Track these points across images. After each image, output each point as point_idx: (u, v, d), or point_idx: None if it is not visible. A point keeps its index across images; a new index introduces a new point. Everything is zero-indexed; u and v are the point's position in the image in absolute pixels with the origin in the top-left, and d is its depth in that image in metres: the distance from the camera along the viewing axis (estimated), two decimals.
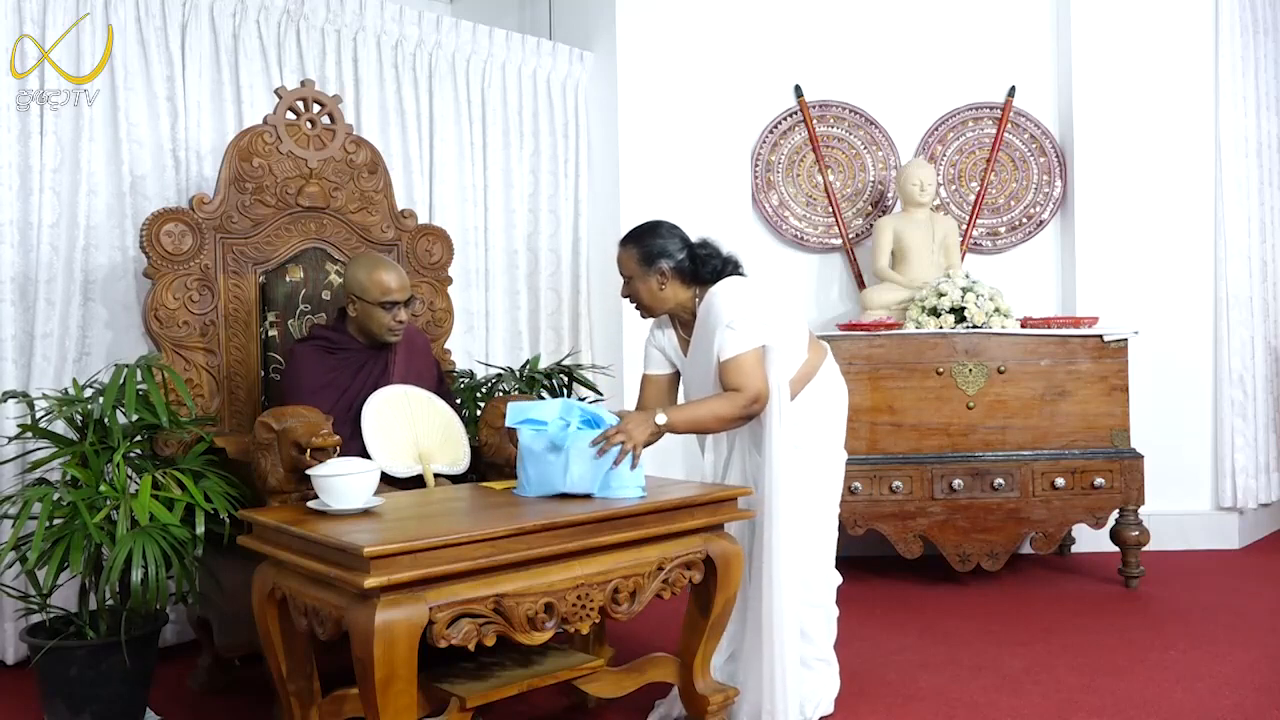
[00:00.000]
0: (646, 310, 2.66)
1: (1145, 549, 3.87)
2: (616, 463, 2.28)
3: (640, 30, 4.47)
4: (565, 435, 2.31)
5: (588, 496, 2.30)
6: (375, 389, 2.80)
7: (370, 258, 2.89)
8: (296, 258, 3.11)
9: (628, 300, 2.68)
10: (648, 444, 2.36)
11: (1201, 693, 2.74)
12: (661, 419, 2.38)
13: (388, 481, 2.64)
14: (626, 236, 2.65)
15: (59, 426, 2.64)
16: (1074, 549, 4.39)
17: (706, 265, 2.59)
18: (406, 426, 2.77)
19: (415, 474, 2.74)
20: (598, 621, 2.20)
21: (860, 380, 3.75)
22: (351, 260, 2.94)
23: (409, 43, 3.97)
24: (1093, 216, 4.51)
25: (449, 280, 3.49)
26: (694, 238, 2.66)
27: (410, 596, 1.87)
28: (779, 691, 2.41)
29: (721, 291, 2.54)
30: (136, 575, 2.30)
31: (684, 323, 2.69)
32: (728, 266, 2.62)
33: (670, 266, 2.57)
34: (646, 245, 2.59)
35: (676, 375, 2.76)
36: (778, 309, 2.58)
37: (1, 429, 2.93)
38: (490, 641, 1.99)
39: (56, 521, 2.40)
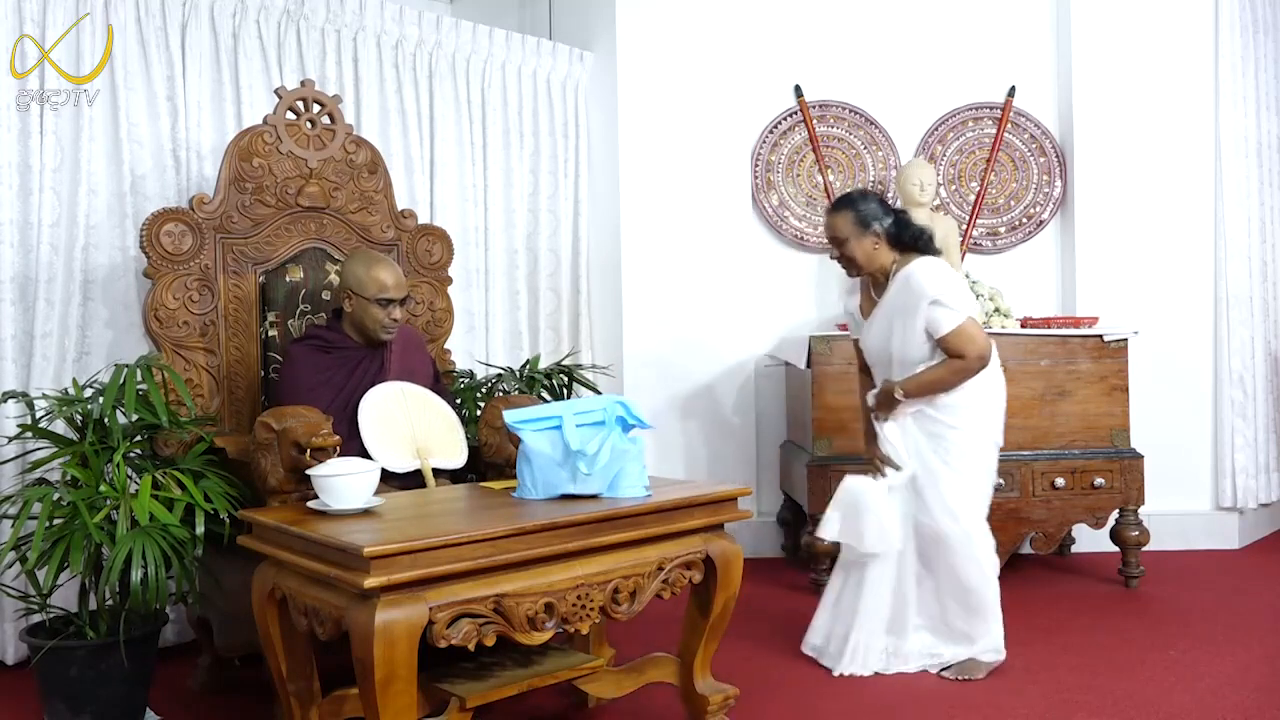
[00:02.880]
0: (859, 269, 2.92)
1: (1145, 549, 3.87)
2: None
3: (640, 30, 4.47)
4: (597, 434, 2.30)
5: (592, 497, 2.30)
6: (371, 387, 2.80)
7: (368, 254, 2.89)
8: (296, 258, 3.11)
9: (838, 262, 2.95)
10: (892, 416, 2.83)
11: (1201, 693, 2.74)
12: (900, 392, 2.80)
13: (386, 477, 2.64)
14: (838, 202, 2.92)
15: (59, 426, 2.64)
16: (1074, 549, 4.39)
17: (908, 230, 2.85)
18: (404, 422, 2.77)
19: (414, 469, 2.74)
20: (598, 621, 2.20)
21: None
22: (349, 256, 2.94)
23: (409, 43, 3.97)
24: (1093, 216, 4.51)
25: (449, 280, 3.49)
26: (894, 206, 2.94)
27: (410, 596, 1.87)
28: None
29: (919, 270, 2.80)
30: (136, 575, 2.30)
31: (876, 284, 2.95)
32: (924, 236, 2.88)
33: (882, 229, 2.84)
34: (860, 209, 2.86)
35: None
36: (966, 292, 2.88)
37: (1, 429, 2.93)
38: (490, 641, 1.99)
39: (56, 521, 2.40)
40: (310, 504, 2.21)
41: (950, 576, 2.87)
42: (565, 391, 3.59)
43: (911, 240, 2.86)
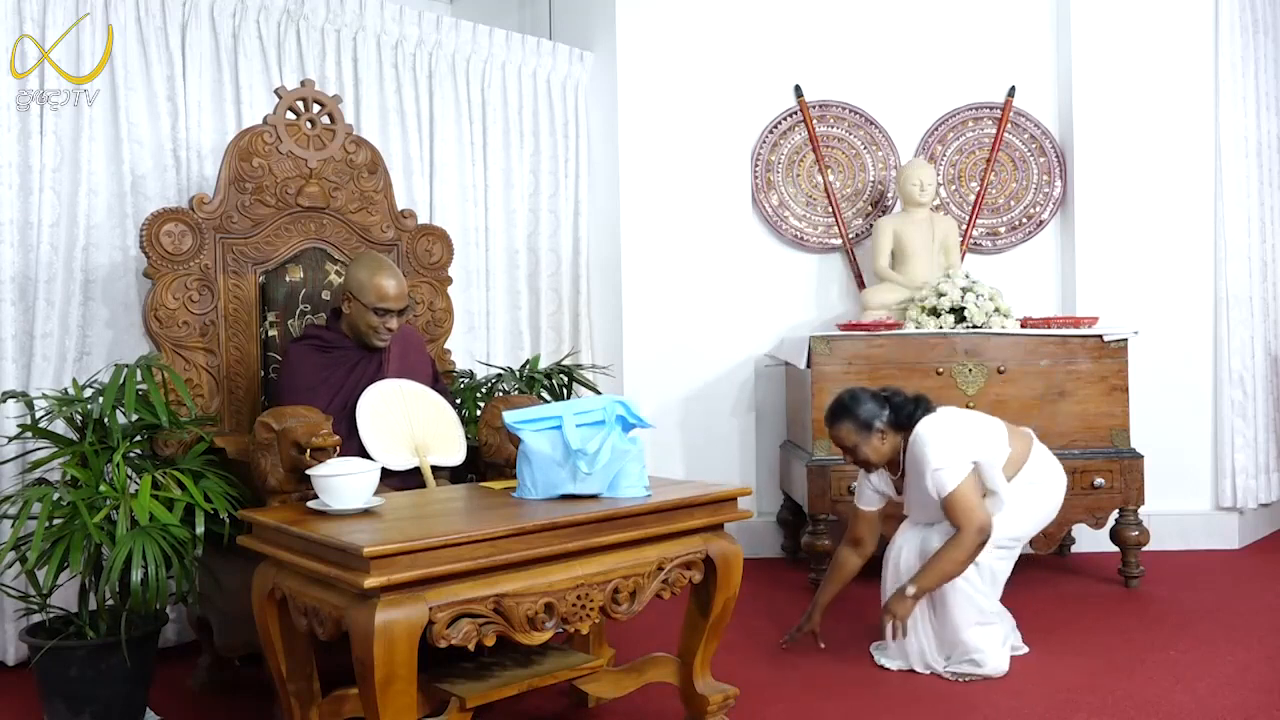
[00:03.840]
0: (872, 466, 3.01)
1: (1145, 549, 3.87)
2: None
3: (640, 30, 4.47)
4: (598, 433, 2.30)
5: (592, 497, 2.30)
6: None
7: (374, 260, 2.88)
8: (296, 258, 3.11)
9: (853, 465, 3.05)
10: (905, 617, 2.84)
11: (1201, 693, 2.74)
12: (911, 590, 2.81)
13: (384, 475, 2.63)
14: (834, 413, 2.99)
15: (59, 426, 2.64)
16: (1074, 549, 4.39)
17: (903, 411, 2.94)
18: (402, 420, 2.77)
19: (412, 467, 2.74)
20: (598, 621, 2.20)
21: (860, 380, 3.74)
22: (355, 259, 2.94)
23: (409, 43, 3.97)
24: (1093, 216, 4.51)
25: (449, 280, 3.49)
26: (877, 389, 3.03)
27: (410, 596, 1.87)
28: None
29: (920, 439, 2.88)
30: (136, 575, 2.30)
31: (892, 463, 3.01)
32: (920, 407, 2.94)
33: (882, 424, 2.93)
34: (859, 414, 2.94)
35: (884, 509, 3.13)
36: (970, 428, 2.95)
37: (1, 429, 2.93)
38: (490, 641, 1.99)
39: (56, 521, 2.40)
40: (310, 504, 2.21)
41: (950, 626, 2.90)
42: (565, 391, 3.59)
43: (908, 419, 2.93)
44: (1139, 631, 3.30)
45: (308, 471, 2.22)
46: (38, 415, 2.59)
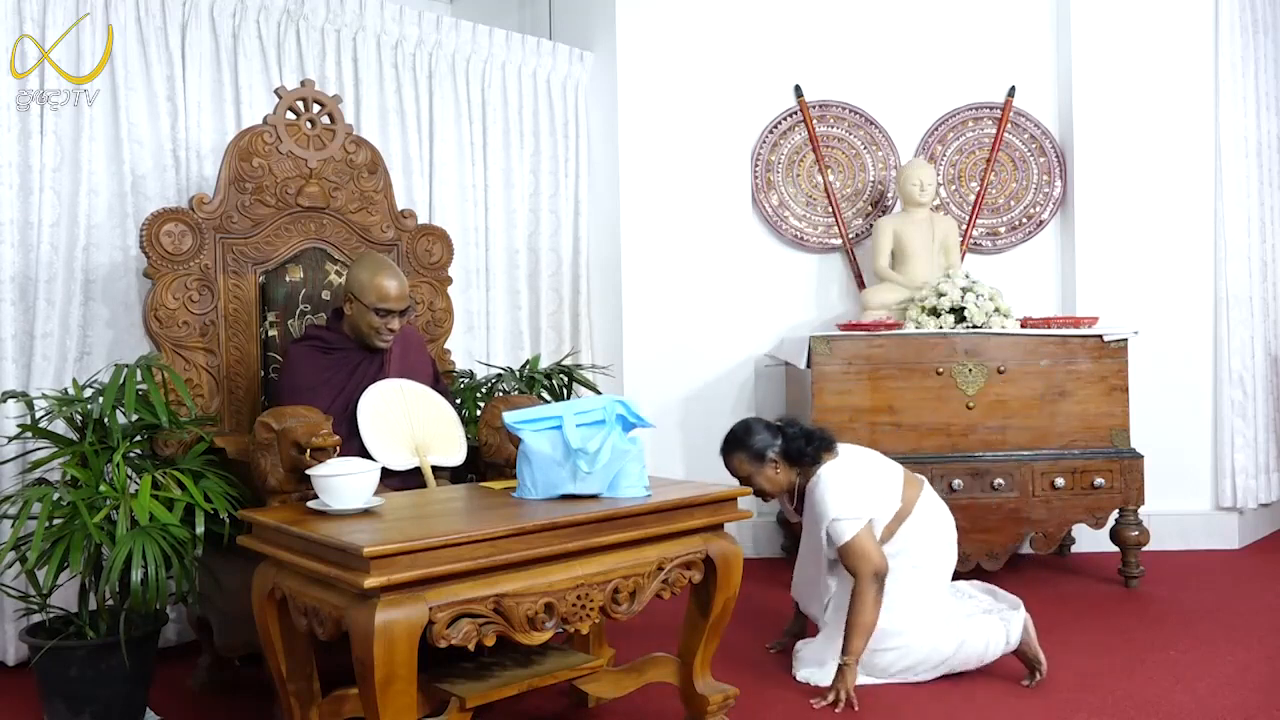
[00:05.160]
0: (768, 496, 3.03)
1: (1145, 549, 3.87)
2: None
3: (640, 30, 4.47)
4: (598, 433, 2.30)
5: (592, 497, 2.30)
6: None
7: (376, 260, 2.87)
8: (296, 258, 3.11)
9: (753, 494, 3.00)
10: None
11: (1201, 693, 2.74)
12: (846, 659, 2.75)
13: (385, 475, 2.63)
14: (728, 443, 3.01)
15: (59, 426, 2.64)
16: (1074, 549, 4.39)
17: (794, 444, 2.93)
18: (403, 419, 2.77)
19: (413, 467, 2.74)
20: (598, 621, 2.20)
21: (860, 380, 3.75)
22: (357, 259, 2.94)
23: (409, 43, 3.97)
24: (1093, 216, 4.51)
25: (449, 280, 3.49)
26: (774, 420, 3.05)
27: (410, 596, 1.87)
28: None
29: (821, 484, 2.87)
30: (136, 575, 2.30)
31: (790, 493, 3.03)
32: (815, 443, 2.94)
33: (775, 454, 2.95)
34: (750, 444, 2.96)
35: None
36: (871, 479, 2.92)
37: (1, 429, 2.93)
38: (490, 641, 1.99)
39: (56, 521, 2.40)
40: (310, 504, 2.21)
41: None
42: (565, 391, 3.59)
43: (798, 454, 2.92)
44: (1139, 631, 3.30)
45: (308, 471, 2.22)
46: (38, 415, 2.59)
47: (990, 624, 2.86)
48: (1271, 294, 4.76)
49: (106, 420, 2.51)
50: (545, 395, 3.50)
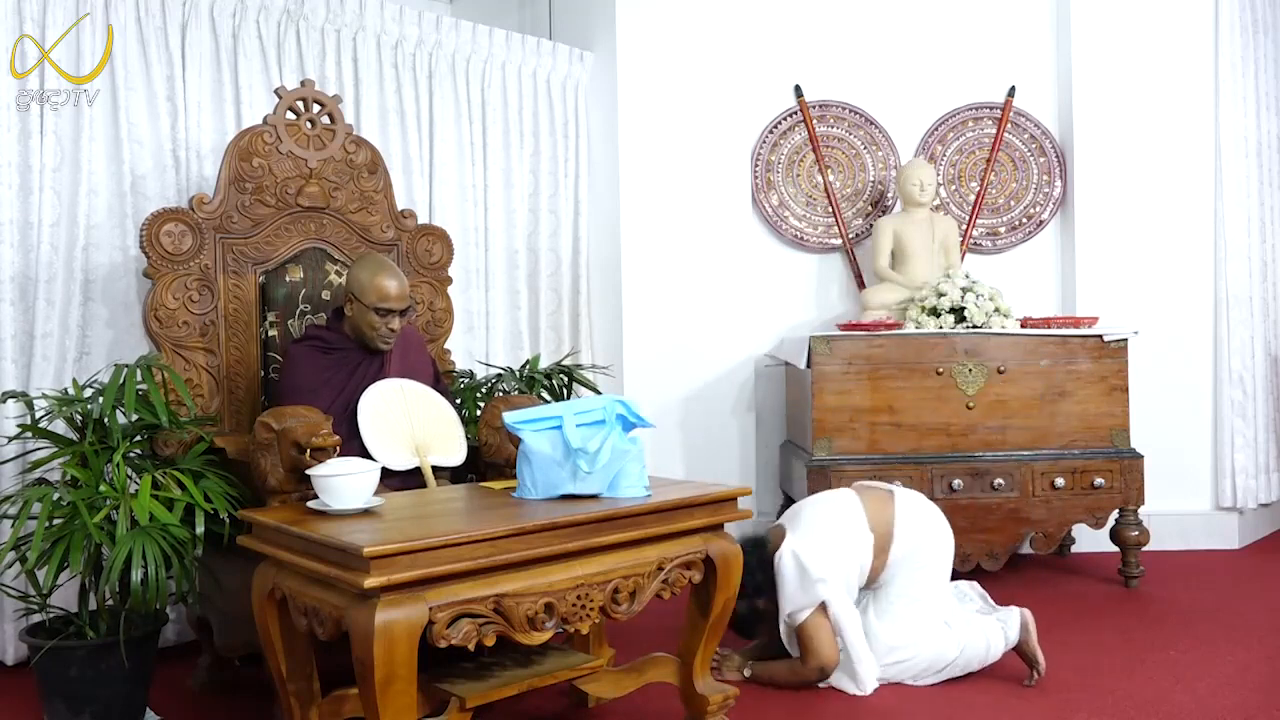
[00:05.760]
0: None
1: (1145, 549, 3.87)
2: None
3: (640, 30, 4.47)
4: (598, 433, 2.30)
5: (592, 497, 2.30)
6: None
7: (376, 261, 2.87)
8: (296, 258, 3.10)
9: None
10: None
11: (1201, 693, 2.74)
12: (748, 673, 2.88)
13: (385, 475, 2.63)
14: (750, 626, 2.94)
15: (59, 426, 2.64)
16: (1074, 549, 4.39)
17: (753, 582, 2.79)
18: (403, 419, 2.77)
19: (413, 467, 2.74)
20: (598, 621, 2.20)
21: (860, 380, 3.75)
22: (357, 260, 2.94)
23: (409, 43, 3.97)
24: (1093, 216, 4.51)
25: (449, 280, 3.49)
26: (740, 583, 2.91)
27: (410, 596, 1.87)
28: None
29: (779, 568, 2.82)
30: (136, 575, 2.30)
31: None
32: (756, 558, 2.81)
33: (766, 601, 2.88)
34: (764, 616, 2.91)
35: None
36: (825, 546, 2.83)
37: (1, 429, 2.93)
38: (490, 641, 1.99)
39: (56, 521, 2.40)
40: (310, 504, 2.21)
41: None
42: (565, 391, 3.59)
43: (761, 583, 2.84)
44: (1139, 631, 3.30)
45: (308, 471, 2.22)
46: (38, 415, 2.59)
47: (989, 625, 2.87)
48: (1271, 294, 4.76)
49: (106, 420, 2.51)
50: (545, 395, 3.50)
